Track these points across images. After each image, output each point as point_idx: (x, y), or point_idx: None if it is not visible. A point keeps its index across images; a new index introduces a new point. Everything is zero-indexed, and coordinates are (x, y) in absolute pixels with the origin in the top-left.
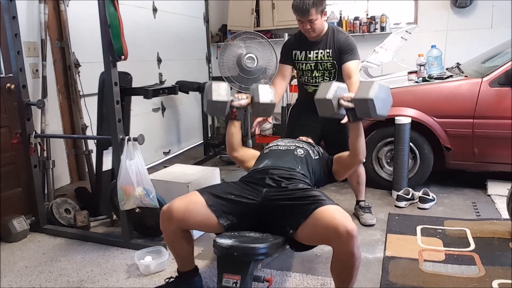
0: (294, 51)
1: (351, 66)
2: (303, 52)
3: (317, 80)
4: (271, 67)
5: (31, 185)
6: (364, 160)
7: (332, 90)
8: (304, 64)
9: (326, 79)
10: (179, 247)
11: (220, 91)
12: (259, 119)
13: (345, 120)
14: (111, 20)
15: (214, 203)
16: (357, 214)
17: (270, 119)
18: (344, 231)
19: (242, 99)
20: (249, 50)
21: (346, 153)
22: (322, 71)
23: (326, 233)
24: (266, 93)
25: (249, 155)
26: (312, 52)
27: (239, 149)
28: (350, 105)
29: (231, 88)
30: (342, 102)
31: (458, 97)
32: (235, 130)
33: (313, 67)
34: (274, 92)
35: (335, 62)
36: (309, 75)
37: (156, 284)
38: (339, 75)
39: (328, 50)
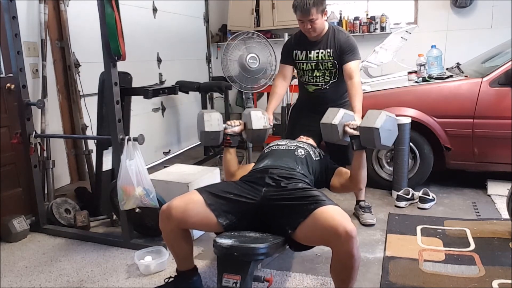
0: (294, 51)
1: (352, 66)
2: (304, 52)
3: (318, 80)
4: (270, 67)
5: (31, 185)
6: (363, 188)
7: (338, 117)
8: (304, 64)
9: (327, 79)
10: (178, 247)
11: (212, 122)
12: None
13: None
14: (107, 20)
15: (213, 202)
16: (357, 214)
17: (271, 121)
18: (343, 231)
19: (236, 126)
20: (250, 50)
21: (347, 172)
22: (322, 71)
23: (325, 233)
24: (258, 120)
25: (248, 169)
26: (312, 52)
27: (237, 174)
28: (355, 132)
29: (230, 89)
30: (347, 129)
31: (458, 97)
32: (230, 157)
33: (313, 67)
34: (267, 118)
35: (335, 61)
36: (309, 74)
37: (156, 284)
38: (339, 75)
39: (328, 50)
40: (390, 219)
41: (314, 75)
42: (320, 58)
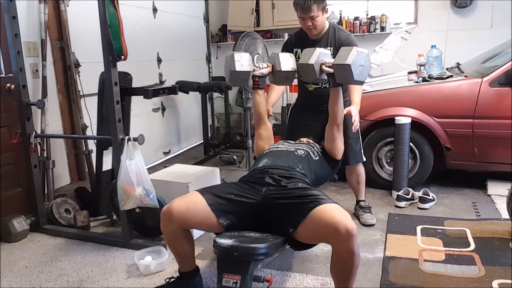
0: (295, 49)
1: None
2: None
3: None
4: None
5: (31, 185)
6: (341, 124)
7: (314, 56)
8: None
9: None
10: (180, 247)
11: (243, 61)
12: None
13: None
14: (110, 20)
15: (214, 203)
16: (357, 214)
17: (270, 112)
18: (344, 229)
19: (264, 68)
20: (255, 51)
21: (327, 128)
22: None
23: (325, 231)
24: (287, 61)
25: (268, 133)
26: None
27: (266, 120)
28: (331, 70)
29: (230, 89)
30: (324, 67)
31: (458, 97)
32: (260, 98)
33: None
34: (294, 60)
35: None
36: None
37: (156, 284)
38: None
39: (329, 48)
40: (390, 219)
41: None
42: None
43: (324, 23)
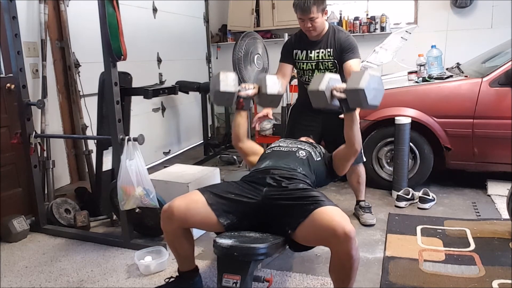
0: (295, 51)
1: (352, 64)
2: (304, 52)
3: None
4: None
5: (31, 185)
6: (360, 149)
7: (325, 81)
8: (305, 64)
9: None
10: (180, 246)
11: (228, 81)
12: (260, 114)
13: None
14: (109, 20)
15: (214, 202)
16: (357, 214)
17: (270, 115)
18: (342, 232)
19: (249, 89)
20: (255, 51)
21: (342, 147)
22: (323, 70)
23: (324, 234)
24: (273, 84)
25: (253, 149)
26: (313, 51)
27: (245, 140)
28: (343, 96)
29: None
30: (335, 93)
31: (458, 97)
32: (241, 121)
33: (314, 67)
34: (281, 83)
35: (336, 61)
36: (310, 74)
37: (156, 284)
38: (340, 74)
39: (329, 50)
40: (390, 219)
41: (315, 74)
42: (320, 57)
43: (323, 24)
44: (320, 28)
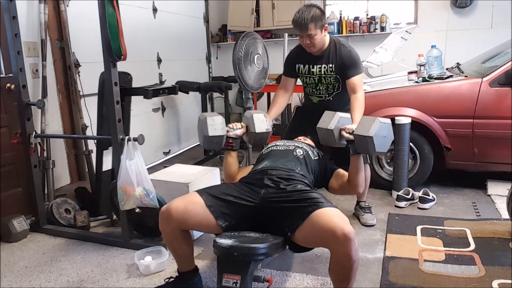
0: (297, 65)
1: (356, 81)
2: (306, 66)
3: (321, 92)
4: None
5: (31, 185)
6: (362, 191)
7: (334, 121)
8: (308, 78)
9: (330, 91)
10: (179, 247)
11: (216, 126)
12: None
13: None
14: (109, 20)
15: (212, 204)
16: (357, 214)
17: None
18: (341, 234)
19: (237, 129)
20: (256, 50)
21: (346, 174)
22: (326, 85)
23: (323, 235)
24: (261, 123)
25: (246, 172)
26: (315, 66)
27: (237, 177)
28: (351, 137)
29: (230, 89)
30: (343, 133)
31: (458, 97)
32: (232, 160)
33: (316, 81)
34: (269, 120)
35: (338, 76)
36: (313, 87)
37: (156, 284)
38: (343, 86)
39: (331, 65)
40: (390, 219)
41: (318, 88)
42: (323, 73)
43: (323, 40)
44: (319, 44)
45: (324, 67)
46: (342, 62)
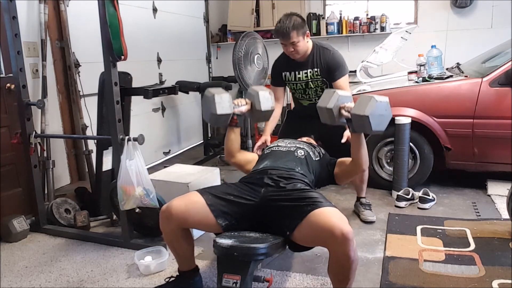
0: (283, 73)
1: (342, 83)
2: (293, 73)
3: (311, 96)
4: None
5: (31, 185)
6: (367, 169)
7: (333, 100)
8: (295, 84)
9: (320, 93)
10: (179, 247)
11: (224, 104)
12: (259, 143)
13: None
14: (110, 20)
15: (213, 203)
16: (358, 211)
17: (268, 142)
18: (340, 233)
19: (242, 106)
20: (256, 50)
21: (349, 159)
22: (314, 88)
23: (322, 235)
24: (266, 100)
25: (247, 158)
26: (301, 72)
27: (238, 155)
28: (350, 116)
29: (230, 89)
30: (343, 111)
31: (458, 97)
32: (235, 137)
33: (304, 86)
34: (273, 96)
35: (325, 79)
36: (302, 93)
37: (156, 284)
38: (331, 87)
39: (316, 69)
40: (390, 219)
41: (306, 92)
42: (309, 77)
43: (306, 46)
44: (303, 51)
45: (310, 72)
46: (327, 65)
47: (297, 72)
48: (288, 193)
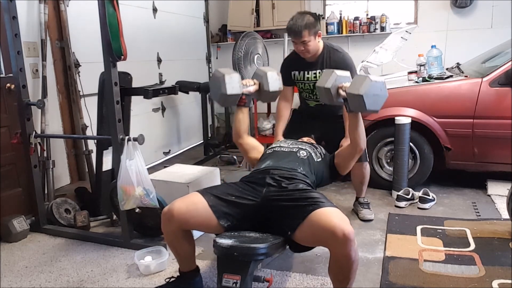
0: (292, 72)
1: None
2: (302, 73)
3: (318, 97)
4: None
5: (31, 185)
6: (364, 148)
7: (331, 79)
8: (303, 84)
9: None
10: (180, 248)
11: (233, 84)
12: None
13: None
14: (109, 20)
15: (214, 204)
16: (356, 210)
17: (280, 137)
18: (341, 234)
19: (250, 86)
20: (256, 50)
21: (346, 145)
22: None
23: (323, 235)
24: (275, 81)
25: (253, 144)
26: (310, 72)
27: (245, 137)
28: (346, 96)
29: None
30: (340, 91)
31: (458, 97)
32: (243, 117)
33: (312, 87)
34: (280, 77)
35: None
36: (309, 92)
37: (156, 284)
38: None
39: None
40: (390, 219)
41: (314, 93)
42: (318, 78)
43: (317, 46)
44: (313, 50)
45: (319, 72)
46: (336, 67)
47: (306, 72)
48: (290, 193)
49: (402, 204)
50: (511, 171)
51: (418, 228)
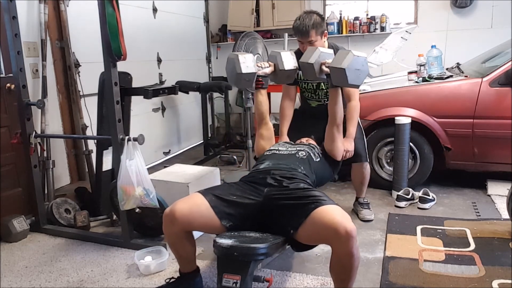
0: (297, 71)
1: (351, 89)
2: None
3: (320, 97)
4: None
5: (31, 185)
6: (341, 124)
7: (315, 56)
8: (306, 84)
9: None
10: (182, 249)
11: (248, 63)
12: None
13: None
14: (109, 20)
15: (216, 205)
16: (356, 210)
17: (285, 138)
18: (343, 231)
19: (266, 67)
20: (256, 50)
21: (327, 129)
22: (325, 90)
23: (325, 233)
24: (289, 60)
25: (270, 136)
26: None
27: (268, 121)
28: (329, 71)
29: (230, 89)
30: (323, 67)
31: (458, 97)
32: (262, 98)
33: (315, 87)
34: (294, 56)
35: None
36: (311, 92)
37: (156, 284)
38: (342, 95)
39: None
40: (390, 219)
41: (316, 93)
42: None
43: (323, 46)
44: None
45: None
46: None
47: None
48: (291, 192)
49: (402, 204)
50: (511, 171)
51: (418, 228)
